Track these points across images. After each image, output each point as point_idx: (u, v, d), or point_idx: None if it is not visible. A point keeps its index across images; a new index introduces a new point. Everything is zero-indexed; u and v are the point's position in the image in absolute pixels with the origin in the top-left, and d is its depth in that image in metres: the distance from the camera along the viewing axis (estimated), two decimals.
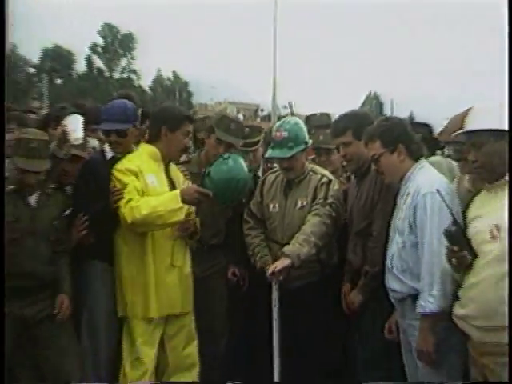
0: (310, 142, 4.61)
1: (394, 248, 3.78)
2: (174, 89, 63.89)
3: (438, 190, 3.48)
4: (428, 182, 3.68)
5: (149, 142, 4.37)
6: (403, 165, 3.82)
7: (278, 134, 4.51)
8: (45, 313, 4.17)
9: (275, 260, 4.37)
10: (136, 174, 4.15)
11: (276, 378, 4.24)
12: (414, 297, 3.65)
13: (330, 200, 4.43)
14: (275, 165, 4.84)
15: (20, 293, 4.10)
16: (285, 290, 4.33)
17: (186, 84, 67.08)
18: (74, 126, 4.37)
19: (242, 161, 4.44)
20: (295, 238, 4.32)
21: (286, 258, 4.22)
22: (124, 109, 4.45)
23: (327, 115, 5.64)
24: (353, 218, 4.33)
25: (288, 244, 4.35)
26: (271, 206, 4.62)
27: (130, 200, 4.06)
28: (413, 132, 3.92)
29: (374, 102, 66.61)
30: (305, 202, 4.52)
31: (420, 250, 3.64)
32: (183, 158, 4.80)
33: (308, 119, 5.51)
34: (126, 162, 4.22)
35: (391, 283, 3.80)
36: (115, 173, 4.18)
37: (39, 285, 4.16)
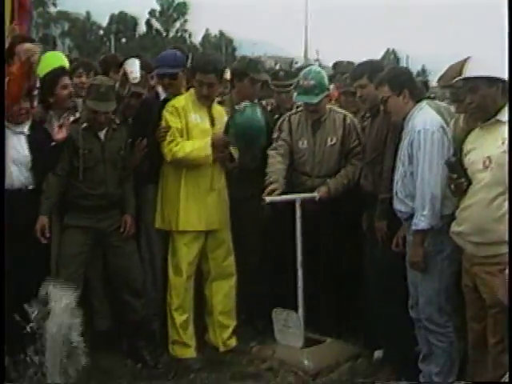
0: (331, 87, 4.56)
1: (398, 176, 3.78)
2: (221, 45, 63.08)
3: (430, 128, 3.55)
4: (423, 120, 3.66)
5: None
6: (407, 106, 3.77)
7: (305, 82, 4.46)
8: (115, 226, 4.25)
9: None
10: (179, 113, 4.26)
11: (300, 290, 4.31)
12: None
13: (362, 140, 4.46)
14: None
15: (95, 210, 4.19)
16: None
17: (230, 41, 66.18)
18: (132, 67, 4.36)
19: (258, 111, 4.32)
20: (343, 171, 4.48)
21: (326, 187, 4.40)
22: (174, 56, 4.55)
23: (352, 64, 5.50)
24: (366, 150, 4.31)
25: (319, 176, 4.49)
26: (300, 142, 4.57)
27: (171, 141, 4.21)
28: (416, 78, 3.87)
29: (392, 56, 65.13)
30: (335, 139, 4.52)
31: (415, 177, 3.64)
32: (218, 99, 4.69)
33: (336, 65, 5.35)
34: (174, 102, 4.33)
35: (398, 205, 3.80)
36: (165, 112, 4.29)
37: (109, 203, 4.22)
